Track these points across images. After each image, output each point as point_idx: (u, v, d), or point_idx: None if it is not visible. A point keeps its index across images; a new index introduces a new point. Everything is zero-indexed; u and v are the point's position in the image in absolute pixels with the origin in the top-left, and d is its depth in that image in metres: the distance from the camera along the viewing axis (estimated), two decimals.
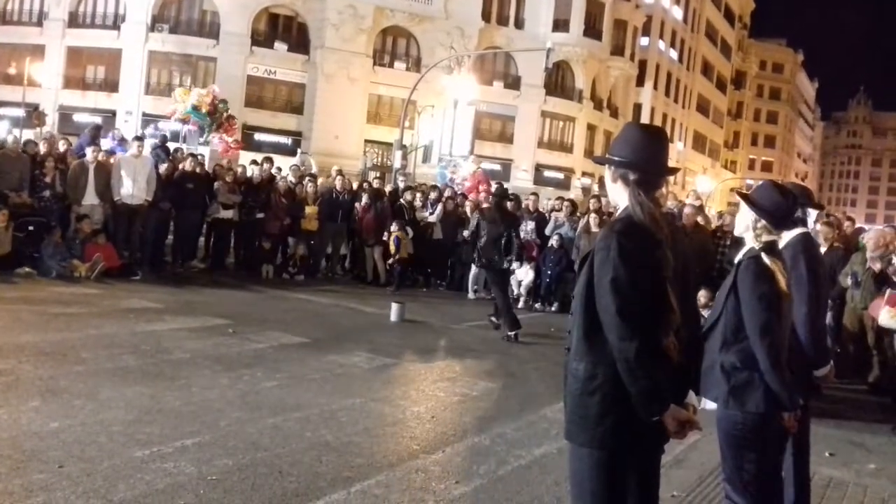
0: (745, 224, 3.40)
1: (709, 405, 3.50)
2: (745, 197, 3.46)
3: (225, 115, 25.39)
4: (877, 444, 6.45)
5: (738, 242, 3.55)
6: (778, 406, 3.23)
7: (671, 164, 2.93)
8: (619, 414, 2.61)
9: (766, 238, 3.33)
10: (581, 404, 2.67)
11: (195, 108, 24.12)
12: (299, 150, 31.82)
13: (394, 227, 13.18)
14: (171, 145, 16.49)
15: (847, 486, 5.25)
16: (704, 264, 9.23)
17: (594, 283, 2.63)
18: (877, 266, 8.67)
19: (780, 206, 3.41)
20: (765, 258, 3.27)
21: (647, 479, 2.79)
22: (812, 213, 3.95)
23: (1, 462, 4.09)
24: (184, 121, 24.38)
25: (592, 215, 12.24)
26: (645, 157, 2.76)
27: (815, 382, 4.00)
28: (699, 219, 10.80)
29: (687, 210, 10.61)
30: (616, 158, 2.77)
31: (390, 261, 13.21)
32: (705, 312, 7.31)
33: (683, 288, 2.78)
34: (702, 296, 8.41)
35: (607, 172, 2.84)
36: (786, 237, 3.88)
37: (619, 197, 2.79)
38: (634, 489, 2.73)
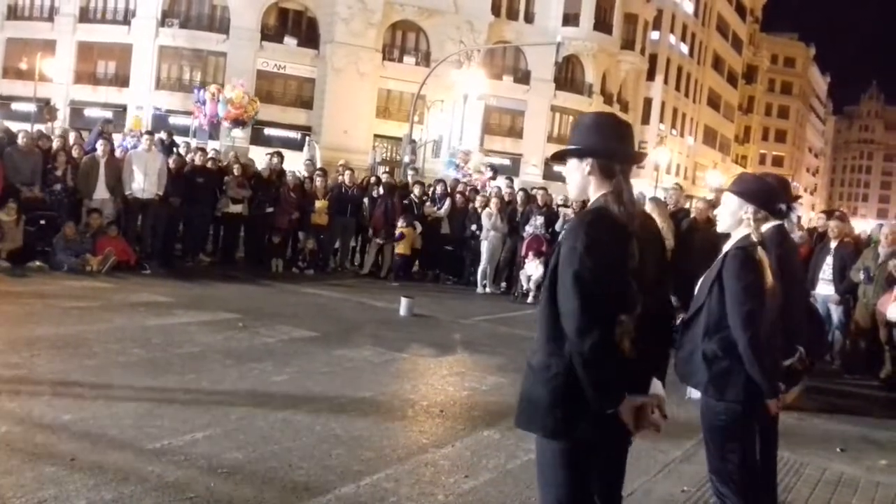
0: (738, 217, 3.41)
1: (695, 394, 3.51)
2: (735, 192, 3.46)
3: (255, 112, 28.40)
4: (888, 440, 6.41)
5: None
6: (758, 395, 3.23)
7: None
8: (568, 405, 2.59)
9: (763, 227, 3.37)
10: (532, 392, 2.66)
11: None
12: (307, 138, 32.02)
13: (400, 223, 13.22)
14: (179, 139, 16.55)
15: (858, 482, 5.22)
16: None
17: (558, 273, 2.58)
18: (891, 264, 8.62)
19: (771, 193, 3.50)
20: (759, 250, 3.29)
21: (611, 470, 2.81)
22: (797, 208, 4.01)
23: (13, 455, 4.11)
24: (242, 122, 27.17)
25: None
26: (626, 146, 2.75)
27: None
28: (713, 213, 10.75)
29: (699, 204, 10.58)
30: (601, 149, 2.70)
31: (397, 251, 13.31)
32: None
33: (658, 279, 2.71)
34: None
35: (578, 165, 2.73)
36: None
37: (591, 189, 2.72)
38: (597, 479, 2.75)
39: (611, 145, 2.71)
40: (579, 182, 2.76)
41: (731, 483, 3.30)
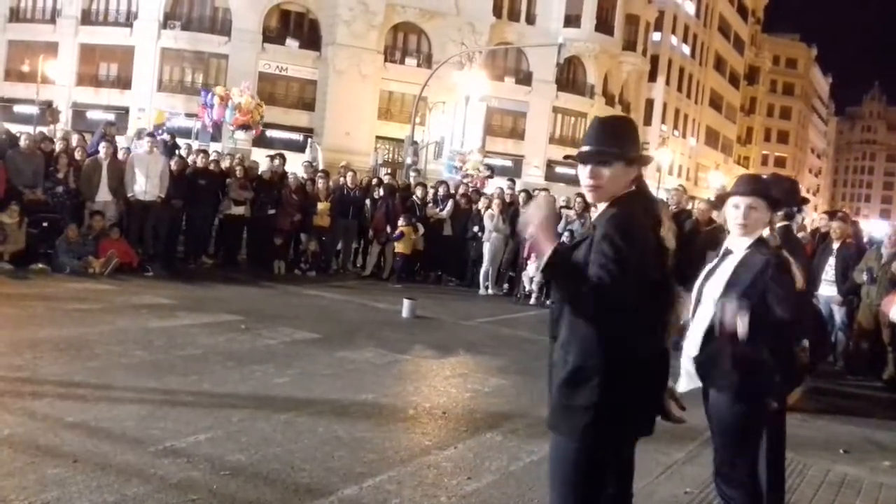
0: (766, 222, 3.38)
1: (686, 386, 3.48)
2: (767, 196, 3.40)
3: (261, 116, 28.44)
4: (892, 441, 6.40)
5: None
6: (777, 397, 3.24)
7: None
8: (603, 407, 2.60)
9: (778, 227, 3.38)
10: (566, 395, 2.66)
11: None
12: (309, 140, 32.02)
13: (401, 222, 13.23)
14: (181, 141, 16.60)
15: (862, 483, 5.21)
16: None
17: (589, 264, 2.59)
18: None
19: (790, 196, 3.50)
20: (784, 252, 3.29)
21: (625, 470, 2.85)
22: (805, 209, 4.06)
23: (16, 457, 4.11)
24: (248, 126, 27.15)
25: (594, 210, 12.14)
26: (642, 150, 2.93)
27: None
28: (715, 214, 10.74)
29: (701, 205, 10.58)
30: (637, 155, 2.78)
31: (396, 250, 13.33)
32: None
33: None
34: None
35: (625, 169, 2.73)
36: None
37: (617, 191, 2.77)
38: (612, 480, 2.78)
39: (637, 150, 2.82)
40: (614, 186, 2.73)
41: (740, 487, 3.28)
